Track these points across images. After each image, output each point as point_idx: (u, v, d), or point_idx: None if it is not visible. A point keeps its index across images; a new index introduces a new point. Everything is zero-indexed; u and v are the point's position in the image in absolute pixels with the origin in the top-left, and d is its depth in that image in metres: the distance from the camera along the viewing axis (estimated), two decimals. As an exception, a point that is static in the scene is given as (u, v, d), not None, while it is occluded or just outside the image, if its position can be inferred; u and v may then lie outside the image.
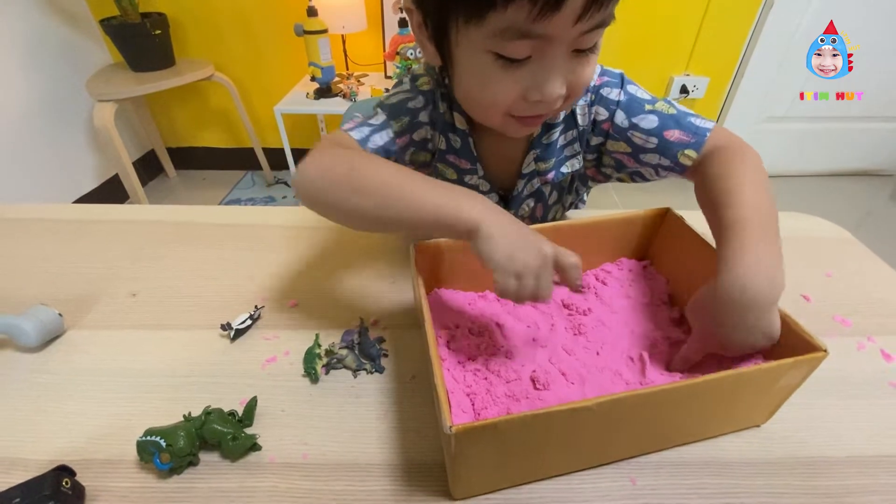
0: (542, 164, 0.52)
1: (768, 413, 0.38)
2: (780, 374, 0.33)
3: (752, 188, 0.40)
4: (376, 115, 0.49)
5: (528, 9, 0.33)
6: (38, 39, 1.55)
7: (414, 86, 0.51)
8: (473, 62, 0.39)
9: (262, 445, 0.37)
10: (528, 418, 0.29)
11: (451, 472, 0.33)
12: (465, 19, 0.36)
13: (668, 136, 0.47)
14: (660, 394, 0.31)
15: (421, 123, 0.50)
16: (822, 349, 0.33)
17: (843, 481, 0.36)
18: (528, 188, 0.54)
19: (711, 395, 0.34)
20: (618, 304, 0.47)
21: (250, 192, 2.01)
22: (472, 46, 0.38)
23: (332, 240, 0.62)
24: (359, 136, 0.47)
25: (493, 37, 0.36)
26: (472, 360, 0.41)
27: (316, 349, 0.44)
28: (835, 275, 0.56)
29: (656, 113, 0.48)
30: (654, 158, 0.49)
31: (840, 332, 0.49)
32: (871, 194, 1.98)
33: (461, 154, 0.52)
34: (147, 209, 0.68)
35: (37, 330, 0.44)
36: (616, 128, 0.49)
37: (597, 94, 0.50)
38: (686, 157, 0.47)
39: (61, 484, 0.32)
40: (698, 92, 1.85)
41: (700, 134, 0.47)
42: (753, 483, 0.35)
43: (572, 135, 0.52)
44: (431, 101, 0.50)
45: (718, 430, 0.38)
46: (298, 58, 1.78)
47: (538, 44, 0.36)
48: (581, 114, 0.51)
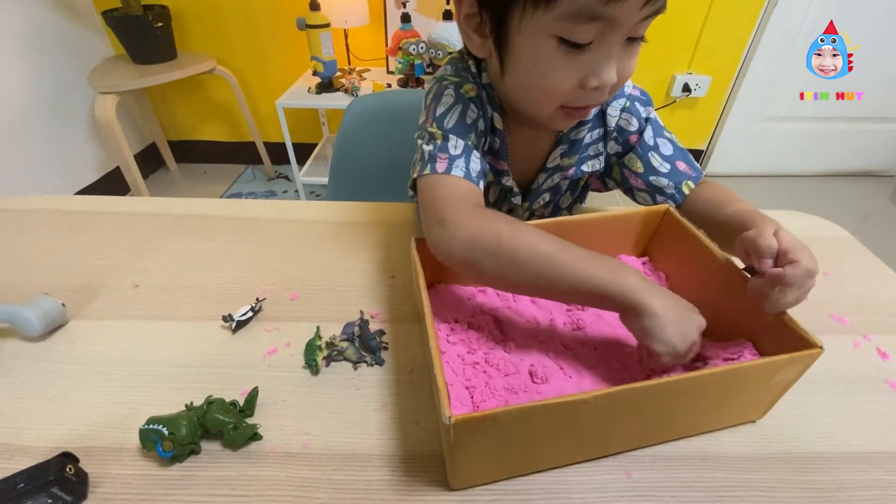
0: (567, 159, 0.53)
1: (764, 409, 0.39)
2: (775, 369, 0.34)
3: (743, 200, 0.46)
4: (450, 142, 0.45)
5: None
6: (39, 31, 1.55)
7: (460, 94, 0.48)
8: (536, 48, 0.39)
9: (262, 435, 0.38)
10: (526, 410, 0.29)
11: (450, 462, 0.33)
12: (535, 2, 0.37)
13: (678, 166, 0.51)
14: (656, 388, 0.31)
15: (482, 133, 0.49)
16: (818, 346, 0.33)
17: (837, 476, 0.36)
18: (548, 182, 0.55)
19: (707, 390, 0.34)
20: None
21: (251, 186, 2.02)
22: (536, 32, 0.38)
23: (332, 233, 0.62)
24: (461, 173, 0.44)
25: (562, 19, 0.36)
26: (472, 353, 0.41)
27: (317, 341, 0.45)
28: (832, 273, 0.56)
29: (671, 142, 0.52)
30: (662, 182, 0.51)
31: (837, 330, 0.49)
32: (872, 195, 1.99)
33: (499, 155, 0.52)
34: (149, 201, 0.69)
35: (40, 319, 0.45)
36: (643, 143, 0.51)
37: (632, 102, 0.51)
38: (687, 186, 0.52)
39: (65, 470, 0.32)
40: (700, 91, 1.85)
41: (698, 172, 0.52)
42: (748, 477, 0.36)
43: (599, 134, 0.53)
44: (480, 106, 0.48)
45: (714, 425, 0.39)
46: (300, 52, 1.78)
47: (603, 27, 0.36)
48: (612, 115, 0.52)
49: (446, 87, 0.48)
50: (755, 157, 2.04)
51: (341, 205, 0.68)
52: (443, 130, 0.46)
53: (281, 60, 1.84)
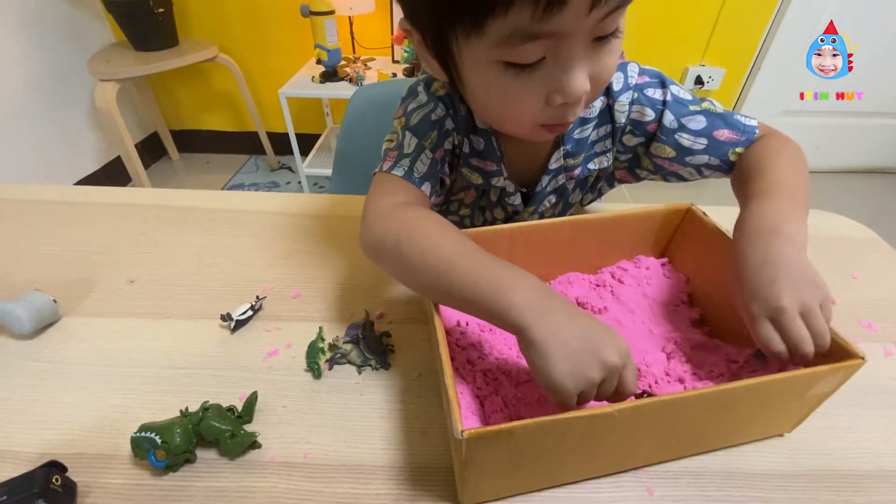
0: (571, 160, 0.50)
1: (795, 422, 0.37)
2: (813, 381, 0.31)
3: (787, 165, 0.40)
4: (405, 140, 0.45)
5: (531, 9, 0.29)
6: (38, 16, 1.52)
7: (430, 94, 0.47)
8: (483, 77, 0.35)
9: (261, 443, 0.36)
10: (546, 424, 0.27)
11: (460, 477, 0.31)
12: (465, 32, 0.33)
13: (718, 136, 0.46)
14: (685, 401, 0.29)
15: (448, 132, 0.46)
16: (860, 356, 0.31)
17: (872, 497, 0.34)
18: (552, 184, 0.52)
19: (739, 404, 0.32)
20: (635, 303, 0.45)
21: (254, 176, 1.99)
22: (477, 60, 0.34)
23: (337, 228, 0.60)
24: (402, 172, 0.43)
25: (497, 45, 0.32)
26: (482, 359, 0.39)
27: (319, 343, 0.43)
28: (861, 276, 0.53)
29: (703, 113, 0.46)
30: (701, 159, 0.47)
31: (867, 337, 0.47)
32: (885, 192, 1.95)
33: (485, 155, 0.49)
34: (146, 192, 0.66)
35: (31, 316, 0.43)
36: (664, 129, 0.47)
37: (640, 92, 0.47)
38: (736, 154, 0.46)
39: (51, 481, 0.30)
40: (713, 83, 1.81)
41: (749, 132, 0.46)
42: (777, 498, 0.34)
43: (605, 130, 0.49)
44: (450, 105, 0.46)
45: (742, 439, 0.37)
46: (304, 40, 1.74)
47: (550, 42, 0.32)
48: (620, 111, 0.48)
49: (419, 84, 0.48)
50: (767, 153, 2.00)
51: (346, 198, 0.65)
52: (403, 128, 0.46)
53: (284, 48, 1.81)
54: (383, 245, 0.38)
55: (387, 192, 0.42)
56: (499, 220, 0.56)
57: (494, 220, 0.57)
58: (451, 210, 0.59)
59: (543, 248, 0.46)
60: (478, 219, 0.58)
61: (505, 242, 0.44)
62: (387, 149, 0.46)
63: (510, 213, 0.55)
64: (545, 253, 0.46)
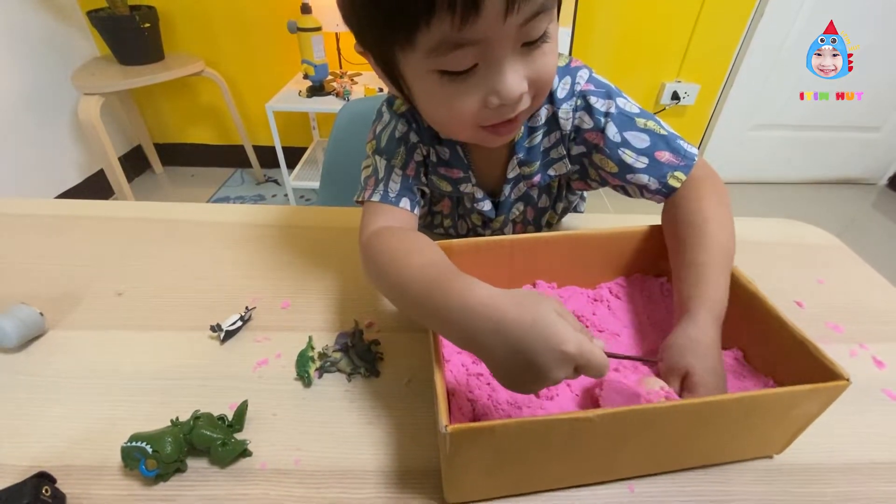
0: (527, 167, 0.51)
1: (784, 443, 0.37)
2: (795, 401, 0.32)
3: (720, 229, 0.43)
4: (377, 164, 0.48)
5: (449, 19, 0.31)
6: (22, 30, 1.51)
7: (392, 112, 0.50)
8: (424, 86, 0.38)
9: (252, 451, 0.36)
10: (525, 425, 0.28)
11: (446, 474, 0.32)
12: (401, 47, 0.35)
13: (658, 157, 0.46)
14: (664, 411, 0.30)
15: (415, 145, 0.49)
16: (845, 378, 0.31)
17: (838, 488, 0.36)
18: (515, 192, 0.53)
19: (719, 418, 0.32)
20: (632, 320, 0.46)
21: (239, 189, 1.99)
22: (417, 72, 0.37)
23: (325, 239, 0.61)
24: (379, 197, 0.46)
25: (430, 56, 0.34)
26: (476, 363, 0.40)
27: (309, 352, 0.43)
28: (826, 281, 0.56)
29: (647, 132, 0.47)
30: (642, 179, 0.47)
31: (833, 338, 0.49)
32: (855, 202, 2.03)
33: (452, 164, 0.51)
34: (134, 206, 0.67)
35: (17, 330, 0.43)
36: (608, 142, 0.47)
37: (584, 99, 0.48)
38: (675, 179, 0.46)
39: (41, 492, 0.30)
40: (689, 98, 1.87)
41: (689, 158, 0.47)
42: (746, 481, 0.35)
43: (556, 137, 0.50)
44: (412, 119, 0.49)
45: (729, 457, 0.37)
46: (291, 55, 1.76)
47: (478, 49, 0.34)
48: (564, 117, 0.48)
49: (383, 104, 0.51)
50: (743, 165, 2.07)
51: (334, 210, 0.66)
52: (374, 152, 0.49)
53: (271, 63, 1.82)
54: (372, 280, 0.42)
55: (368, 224, 0.45)
56: (478, 226, 0.58)
57: (475, 226, 0.58)
58: (435, 223, 0.61)
59: (543, 261, 0.47)
60: (461, 227, 0.60)
61: (505, 254, 0.45)
62: (365, 177, 0.49)
63: (487, 220, 0.56)
64: (545, 266, 0.48)
